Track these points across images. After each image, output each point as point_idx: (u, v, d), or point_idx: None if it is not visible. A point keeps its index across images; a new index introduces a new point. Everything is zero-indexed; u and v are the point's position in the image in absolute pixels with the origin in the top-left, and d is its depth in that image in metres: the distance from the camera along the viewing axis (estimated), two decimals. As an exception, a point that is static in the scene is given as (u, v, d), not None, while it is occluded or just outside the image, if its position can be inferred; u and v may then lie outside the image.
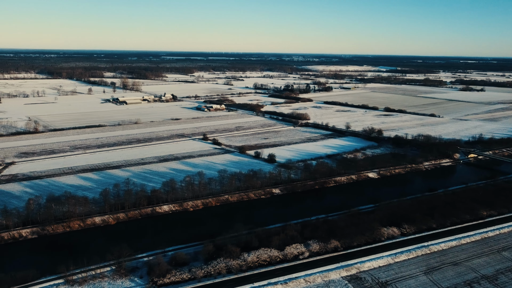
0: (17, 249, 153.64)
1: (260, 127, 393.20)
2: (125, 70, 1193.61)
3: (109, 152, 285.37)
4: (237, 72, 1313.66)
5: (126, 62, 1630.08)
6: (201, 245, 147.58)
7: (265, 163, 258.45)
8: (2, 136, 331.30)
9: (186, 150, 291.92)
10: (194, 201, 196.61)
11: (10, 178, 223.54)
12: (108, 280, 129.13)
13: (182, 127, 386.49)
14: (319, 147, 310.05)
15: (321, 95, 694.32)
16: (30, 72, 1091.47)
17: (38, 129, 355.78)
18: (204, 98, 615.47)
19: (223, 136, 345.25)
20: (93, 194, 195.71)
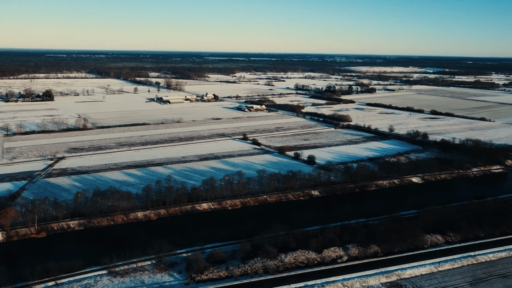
0: (65, 240, 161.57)
1: (300, 128, 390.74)
2: (169, 70, 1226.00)
3: (152, 150, 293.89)
4: (278, 72, 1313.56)
5: (170, 63, 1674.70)
6: (238, 244, 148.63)
7: (304, 164, 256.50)
8: (54, 132, 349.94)
9: (226, 150, 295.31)
10: (232, 200, 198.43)
11: (61, 172, 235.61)
12: (149, 273, 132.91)
13: (223, 126, 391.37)
14: (360, 149, 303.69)
15: (363, 96, 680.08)
16: (81, 72, 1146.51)
17: (87, 126, 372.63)
18: (245, 98, 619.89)
19: (263, 136, 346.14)
20: (136, 189, 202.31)
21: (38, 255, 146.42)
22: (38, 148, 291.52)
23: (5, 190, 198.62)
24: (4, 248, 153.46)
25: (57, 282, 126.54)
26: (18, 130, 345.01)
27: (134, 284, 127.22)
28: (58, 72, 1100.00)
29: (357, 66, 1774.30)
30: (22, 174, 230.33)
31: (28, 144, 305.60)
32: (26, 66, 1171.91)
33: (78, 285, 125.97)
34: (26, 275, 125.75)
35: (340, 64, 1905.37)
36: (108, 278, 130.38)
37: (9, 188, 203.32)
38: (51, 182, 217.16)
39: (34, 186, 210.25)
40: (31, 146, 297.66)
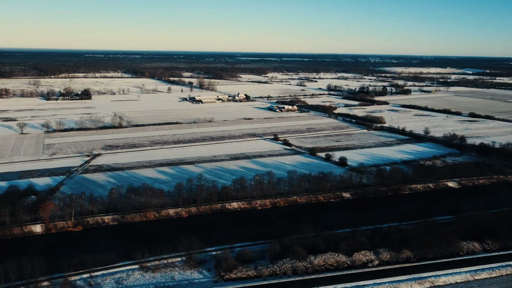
0: (99, 234, 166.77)
1: (332, 129, 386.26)
2: (202, 70, 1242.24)
3: (184, 148, 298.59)
4: (310, 73, 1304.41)
5: (203, 63, 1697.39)
6: (267, 244, 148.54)
7: (336, 166, 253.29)
8: (91, 130, 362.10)
9: (256, 150, 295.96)
10: (262, 200, 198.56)
11: (97, 168, 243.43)
12: (179, 270, 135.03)
13: (254, 126, 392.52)
14: (394, 152, 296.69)
15: (398, 98, 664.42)
16: (117, 72, 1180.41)
17: (122, 124, 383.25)
18: (277, 98, 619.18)
19: (294, 137, 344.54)
20: (168, 187, 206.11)
21: (74, 248, 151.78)
22: (76, 145, 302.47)
23: (45, 185, 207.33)
24: (43, 240, 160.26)
25: (91, 274, 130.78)
26: (57, 127, 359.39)
27: (165, 279, 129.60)
28: (96, 71, 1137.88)
29: (392, 66, 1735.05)
30: (60, 169, 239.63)
31: (67, 140, 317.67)
32: (66, 66, 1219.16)
33: (111, 278, 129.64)
34: (62, 266, 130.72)
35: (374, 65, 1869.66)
36: (140, 272, 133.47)
37: (48, 183, 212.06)
38: (88, 178, 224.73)
39: (71, 181, 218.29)
40: (69, 143, 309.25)
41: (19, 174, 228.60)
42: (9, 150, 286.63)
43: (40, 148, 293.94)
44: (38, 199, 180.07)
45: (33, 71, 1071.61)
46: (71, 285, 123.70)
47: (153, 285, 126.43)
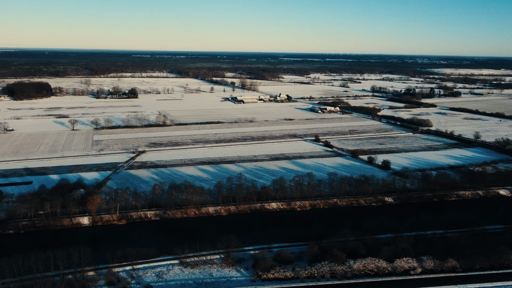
0: (142, 228, 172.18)
1: (376, 131, 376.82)
2: (245, 70, 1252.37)
3: (225, 148, 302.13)
4: (354, 74, 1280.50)
5: (246, 63, 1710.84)
6: (306, 246, 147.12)
7: (378, 169, 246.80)
8: (136, 127, 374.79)
9: (297, 151, 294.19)
10: (302, 201, 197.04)
11: (141, 165, 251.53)
12: (217, 267, 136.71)
13: (295, 127, 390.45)
14: (440, 156, 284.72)
15: (446, 100, 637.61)
16: (162, 72, 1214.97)
17: (166, 123, 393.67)
18: (319, 99, 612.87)
19: (336, 138, 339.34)
20: (208, 185, 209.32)
21: (118, 241, 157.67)
22: (122, 142, 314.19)
23: (93, 179, 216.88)
24: (89, 231, 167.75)
25: (134, 267, 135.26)
26: (105, 124, 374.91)
27: (203, 276, 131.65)
28: (142, 71, 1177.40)
29: (441, 68, 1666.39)
30: (107, 165, 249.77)
31: (114, 137, 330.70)
32: (115, 66, 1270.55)
33: (152, 272, 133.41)
34: (107, 258, 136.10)
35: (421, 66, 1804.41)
36: (180, 268, 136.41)
37: (96, 177, 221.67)
38: (132, 174, 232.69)
39: (117, 177, 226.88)
40: (116, 140, 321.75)
41: (70, 168, 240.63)
42: (61, 145, 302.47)
43: (89, 144, 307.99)
44: (86, 193, 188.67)
45: (85, 70, 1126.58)
46: (114, 276, 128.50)
47: (192, 281, 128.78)
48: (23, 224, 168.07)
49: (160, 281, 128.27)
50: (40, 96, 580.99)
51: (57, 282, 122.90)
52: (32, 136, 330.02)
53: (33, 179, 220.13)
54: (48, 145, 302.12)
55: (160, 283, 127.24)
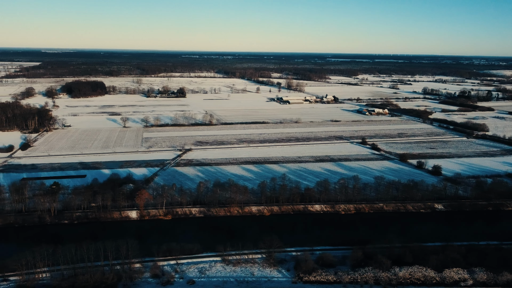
0: (186, 224, 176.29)
1: (426, 135, 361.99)
2: (291, 71, 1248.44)
3: (270, 148, 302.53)
4: (405, 75, 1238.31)
5: (292, 64, 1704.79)
6: (349, 250, 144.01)
7: (428, 174, 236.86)
8: (184, 126, 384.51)
9: (342, 153, 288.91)
10: (346, 204, 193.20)
11: (187, 162, 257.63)
12: (258, 266, 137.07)
13: (341, 129, 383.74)
14: (497, 163, 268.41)
15: (506, 104, 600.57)
16: (210, 72, 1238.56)
17: (212, 122, 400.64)
18: (366, 101, 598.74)
19: (383, 141, 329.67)
20: (252, 184, 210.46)
21: (164, 235, 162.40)
22: (170, 140, 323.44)
23: (142, 175, 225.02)
24: (137, 225, 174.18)
25: (178, 261, 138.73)
26: (155, 122, 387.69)
27: (245, 274, 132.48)
28: (191, 71, 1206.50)
29: (500, 69, 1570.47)
30: (155, 161, 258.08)
31: (162, 135, 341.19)
32: (165, 66, 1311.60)
33: (195, 267, 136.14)
34: (153, 251, 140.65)
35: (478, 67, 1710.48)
36: (221, 265, 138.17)
37: (144, 173, 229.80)
38: (179, 171, 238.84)
39: (164, 173, 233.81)
40: (164, 137, 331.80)
41: (120, 164, 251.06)
42: (113, 141, 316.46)
43: (139, 141, 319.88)
44: (135, 188, 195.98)
45: (137, 70, 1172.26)
46: (159, 269, 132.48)
47: (233, 279, 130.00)
48: (76, 215, 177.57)
49: (203, 277, 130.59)
50: (95, 94, 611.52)
51: (106, 272, 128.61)
52: (87, 132, 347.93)
53: (87, 172, 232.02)
54: (101, 141, 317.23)
55: (203, 279, 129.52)
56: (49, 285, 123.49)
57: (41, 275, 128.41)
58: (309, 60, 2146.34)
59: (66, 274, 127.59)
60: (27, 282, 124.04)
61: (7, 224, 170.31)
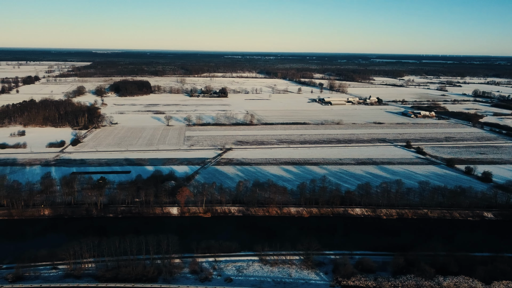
0: (225, 222, 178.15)
1: (476, 140, 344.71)
2: (334, 72, 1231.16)
3: (310, 149, 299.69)
4: (454, 77, 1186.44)
5: (335, 64, 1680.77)
6: (390, 256, 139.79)
7: (477, 181, 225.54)
8: (225, 125, 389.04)
9: (385, 156, 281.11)
10: (388, 209, 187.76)
11: (227, 161, 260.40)
12: (296, 268, 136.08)
13: (384, 131, 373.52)
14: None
15: None
16: (252, 72, 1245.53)
17: (253, 122, 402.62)
18: (412, 103, 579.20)
19: (429, 145, 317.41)
20: (291, 185, 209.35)
21: (203, 232, 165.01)
22: (211, 138, 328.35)
23: (183, 172, 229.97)
24: (177, 221, 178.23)
25: (216, 259, 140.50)
26: (197, 121, 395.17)
27: (282, 275, 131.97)
28: (233, 72, 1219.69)
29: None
30: (197, 159, 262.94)
31: (204, 134, 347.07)
32: (208, 66, 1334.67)
33: (232, 266, 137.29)
34: (192, 248, 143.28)
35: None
36: (259, 264, 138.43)
37: (186, 171, 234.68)
38: (219, 170, 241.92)
39: (205, 171, 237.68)
40: (205, 136, 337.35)
41: (163, 161, 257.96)
42: (157, 139, 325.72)
43: (181, 139, 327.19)
44: (176, 185, 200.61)
45: (181, 70, 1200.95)
46: (198, 266, 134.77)
47: (270, 279, 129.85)
48: (121, 209, 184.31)
49: (240, 275, 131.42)
50: (141, 93, 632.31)
51: (147, 265, 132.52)
52: (133, 130, 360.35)
53: (131, 169, 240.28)
54: (145, 138, 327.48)
55: (240, 277, 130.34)
56: (94, 275, 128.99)
57: (87, 265, 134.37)
58: (353, 61, 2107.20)
59: (110, 265, 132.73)
60: (74, 271, 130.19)
61: (57, 215, 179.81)
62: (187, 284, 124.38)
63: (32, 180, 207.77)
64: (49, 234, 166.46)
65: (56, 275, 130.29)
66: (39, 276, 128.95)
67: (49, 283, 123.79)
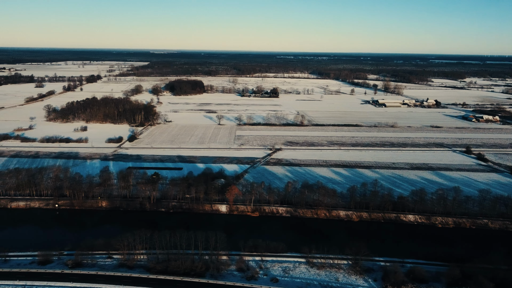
0: (273, 222, 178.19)
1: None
2: (389, 73, 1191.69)
3: (362, 152, 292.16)
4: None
5: (391, 65, 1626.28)
6: (445, 267, 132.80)
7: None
8: (275, 126, 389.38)
9: (442, 161, 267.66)
10: (444, 217, 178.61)
11: (276, 162, 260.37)
12: (343, 273, 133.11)
13: (442, 136, 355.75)
14: None
15: None
16: (304, 72, 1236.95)
17: (303, 123, 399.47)
18: (474, 106, 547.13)
19: (492, 151, 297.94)
20: (341, 188, 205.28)
21: (250, 231, 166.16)
22: (261, 138, 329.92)
23: (232, 171, 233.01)
24: (226, 219, 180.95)
25: (262, 258, 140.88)
26: (247, 121, 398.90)
27: (329, 279, 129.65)
28: (284, 72, 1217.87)
29: None
30: (246, 159, 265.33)
31: (254, 134, 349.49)
32: (260, 66, 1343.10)
33: (279, 266, 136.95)
34: (239, 246, 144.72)
35: None
36: (306, 266, 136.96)
37: (235, 170, 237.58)
38: (268, 169, 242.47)
39: (254, 171, 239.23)
40: (255, 136, 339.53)
41: (214, 159, 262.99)
42: (208, 138, 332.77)
43: (232, 138, 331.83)
44: (226, 183, 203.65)
45: (233, 70, 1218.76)
46: (244, 264, 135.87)
47: (317, 282, 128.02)
48: (172, 205, 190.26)
49: (286, 276, 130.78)
50: (194, 93, 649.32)
51: (195, 260, 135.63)
52: (185, 128, 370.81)
53: (183, 165, 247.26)
54: (197, 136, 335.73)
55: (286, 278, 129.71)
56: (146, 266, 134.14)
57: (139, 257, 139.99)
58: (410, 62, 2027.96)
59: (160, 258, 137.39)
60: (127, 262, 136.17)
61: (114, 207, 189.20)
62: (234, 281, 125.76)
63: (92, 173, 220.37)
64: (105, 225, 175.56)
65: (111, 264, 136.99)
66: (95, 264, 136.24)
67: (104, 271, 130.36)
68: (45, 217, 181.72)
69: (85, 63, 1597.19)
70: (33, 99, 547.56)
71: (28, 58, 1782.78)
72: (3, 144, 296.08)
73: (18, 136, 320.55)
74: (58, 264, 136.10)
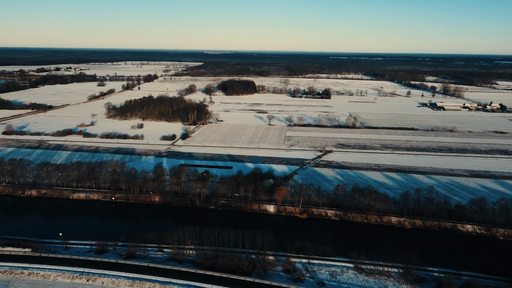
0: (321, 225, 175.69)
1: None
2: (449, 74, 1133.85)
3: (417, 157, 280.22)
4: None
5: (451, 67, 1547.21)
6: (506, 282, 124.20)
7: None
8: (326, 127, 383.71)
9: (506, 169, 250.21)
10: (506, 229, 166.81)
11: (326, 164, 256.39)
12: (393, 281, 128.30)
13: (507, 142, 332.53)
14: None
15: None
16: (357, 74, 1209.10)
17: (356, 125, 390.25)
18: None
19: None
20: (393, 194, 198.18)
21: (297, 233, 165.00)
22: (311, 140, 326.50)
23: (281, 172, 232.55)
24: (273, 219, 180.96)
25: (309, 261, 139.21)
26: (298, 122, 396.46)
27: (378, 286, 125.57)
28: (337, 73, 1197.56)
29: None
30: (295, 160, 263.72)
31: (304, 135, 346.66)
32: (312, 67, 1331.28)
33: (326, 270, 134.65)
34: (286, 247, 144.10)
35: None
36: (354, 272, 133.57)
37: (284, 170, 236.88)
38: (317, 172, 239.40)
39: (303, 172, 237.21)
40: (306, 137, 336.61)
41: (263, 159, 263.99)
42: (258, 137, 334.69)
43: (281, 139, 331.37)
44: (274, 183, 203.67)
45: (285, 71, 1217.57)
46: (291, 265, 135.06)
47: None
48: (221, 203, 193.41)
49: (333, 281, 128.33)
50: (245, 93, 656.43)
51: (242, 259, 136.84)
52: (236, 127, 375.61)
53: (233, 164, 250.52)
54: (247, 136, 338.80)
55: (333, 283, 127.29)
56: (194, 261, 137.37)
57: (188, 252, 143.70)
58: (472, 63, 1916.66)
59: (208, 254, 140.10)
60: (177, 256, 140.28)
61: (166, 202, 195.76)
62: (280, 282, 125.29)
63: (147, 168, 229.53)
64: (157, 219, 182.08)
65: (161, 257, 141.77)
66: (147, 256, 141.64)
67: (155, 264, 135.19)
68: (102, 209, 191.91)
69: (143, 63, 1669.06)
70: (95, 97, 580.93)
71: (92, 58, 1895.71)
72: (68, 139, 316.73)
73: (81, 131, 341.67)
74: (113, 254, 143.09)
